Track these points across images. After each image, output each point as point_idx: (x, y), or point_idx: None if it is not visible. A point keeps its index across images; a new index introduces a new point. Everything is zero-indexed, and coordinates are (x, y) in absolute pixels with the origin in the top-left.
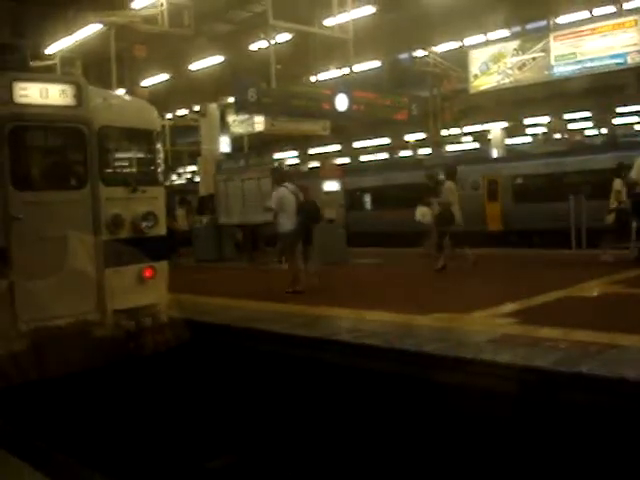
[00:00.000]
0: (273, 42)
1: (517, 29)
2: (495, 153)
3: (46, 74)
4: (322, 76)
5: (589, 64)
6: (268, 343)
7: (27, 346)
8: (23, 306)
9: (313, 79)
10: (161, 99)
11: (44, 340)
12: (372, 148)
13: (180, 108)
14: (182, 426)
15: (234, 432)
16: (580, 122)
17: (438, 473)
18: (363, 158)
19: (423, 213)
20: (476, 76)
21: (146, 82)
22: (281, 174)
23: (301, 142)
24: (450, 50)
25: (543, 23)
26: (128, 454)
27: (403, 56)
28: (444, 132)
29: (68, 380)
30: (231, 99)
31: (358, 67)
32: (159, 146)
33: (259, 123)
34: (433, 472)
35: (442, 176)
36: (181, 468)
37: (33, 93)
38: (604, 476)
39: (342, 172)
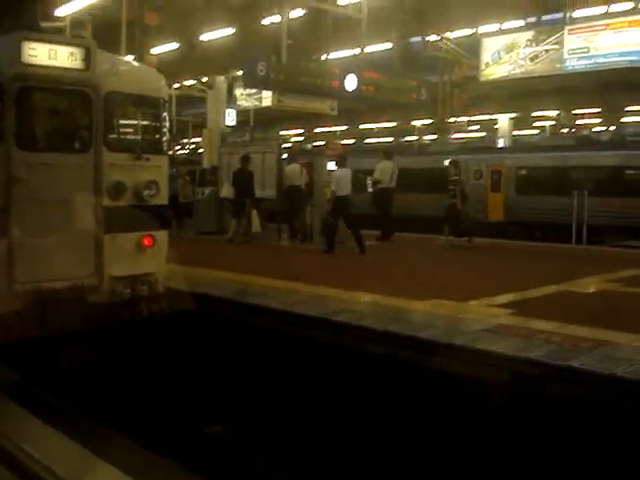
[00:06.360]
0: (286, 17)
1: (532, 19)
2: (501, 143)
3: (56, 35)
4: (333, 55)
5: (602, 60)
6: None
7: (23, 306)
8: (20, 267)
9: (323, 57)
10: (170, 68)
11: (39, 302)
12: (377, 130)
13: (188, 79)
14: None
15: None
16: (588, 118)
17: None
18: (369, 140)
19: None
20: (487, 64)
21: (156, 50)
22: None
23: (307, 120)
24: (463, 36)
25: (559, 15)
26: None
27: (415, 39)
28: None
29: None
30: (240, 72)
31: (369, 48)
32: (165, 115)
33: (266, 98)
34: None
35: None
36: (180, 432)
37: (42, 54)
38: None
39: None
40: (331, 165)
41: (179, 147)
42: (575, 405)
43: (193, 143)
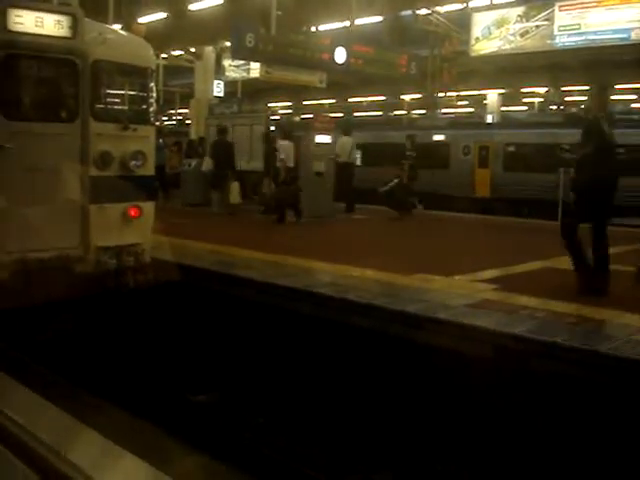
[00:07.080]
0: None
1: None
2: (490, 119)
3: (42, 3)
4: (322, 27)
5: (592, 37)
6: None
7: (9, 276)
8: (6, 237)
9: (313, 29)
10: (157, 38)
11: (25, 271)
12: (366, 104)
13: (176, 48)
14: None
15: None
16: (577, 95)
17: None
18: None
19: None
20: (477, 39)
21: (143, 19)
22: None
23: (296, 92)
24: (453, 10)
25: None
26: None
27: (406, 13)
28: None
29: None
30: (228, 43)
31: (359, 21)
32: (153, 85)
33: (254, 69)
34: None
35: None
36: (167, 400)
37: (28, 21)
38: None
39: (334, 125)
40: (321, 137)
41: (166, 118)
42: (557, 380)
43: (180, 114)
